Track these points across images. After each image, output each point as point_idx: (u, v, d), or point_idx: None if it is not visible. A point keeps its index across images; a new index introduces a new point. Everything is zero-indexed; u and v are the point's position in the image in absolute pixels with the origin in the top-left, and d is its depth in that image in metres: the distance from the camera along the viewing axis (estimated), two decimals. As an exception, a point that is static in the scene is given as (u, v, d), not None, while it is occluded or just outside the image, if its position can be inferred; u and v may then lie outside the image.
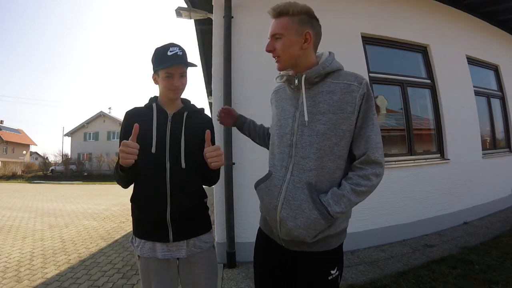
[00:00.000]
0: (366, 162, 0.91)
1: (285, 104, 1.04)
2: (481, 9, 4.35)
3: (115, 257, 3.46)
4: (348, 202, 0.89)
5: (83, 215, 6.69)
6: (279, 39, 0.95)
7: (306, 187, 0.91)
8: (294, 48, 0.94)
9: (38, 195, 11.82)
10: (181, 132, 1.16)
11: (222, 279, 2.49)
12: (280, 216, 0.95)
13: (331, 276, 0.95)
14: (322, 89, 0.94)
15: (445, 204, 3.65)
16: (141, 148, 1.10)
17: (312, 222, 0.89)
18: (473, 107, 4.25)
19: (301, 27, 0.93)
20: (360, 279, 2.38)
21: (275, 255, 1.05)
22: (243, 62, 2.99)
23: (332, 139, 0.91)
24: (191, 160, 1.15)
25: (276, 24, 0.95)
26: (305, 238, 0.92)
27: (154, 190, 1.12)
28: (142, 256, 1.14)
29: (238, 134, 2.92)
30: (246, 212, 2.81)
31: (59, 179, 23.17)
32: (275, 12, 0.95)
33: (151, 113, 1.17)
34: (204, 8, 3.53)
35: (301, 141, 0.94)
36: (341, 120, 0.90)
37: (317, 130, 0.92)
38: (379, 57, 3.67)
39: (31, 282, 2.74)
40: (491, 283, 2.14)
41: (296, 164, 0.95)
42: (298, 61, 0.97)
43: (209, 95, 7.52)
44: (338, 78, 0.94)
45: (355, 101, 0.90)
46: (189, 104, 1.26)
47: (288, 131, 0.98)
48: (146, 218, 1.14)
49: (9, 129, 36.50)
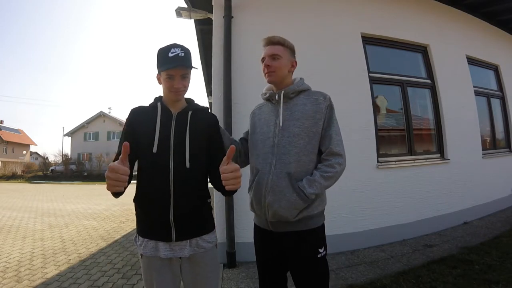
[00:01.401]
0: (330, 154, 1.19)
1: (267, 116, 1.31)
2: (481, 9, 4.35)
3: (115, 257, 3.46)
4: (319, 185, 1.14)
5: (83, 215, 6.68)
6: (277, 59, 1.25)
7: (287, 176, 1.16)
8: (285, 69, 1.27)
9: (38, 195, 11.82)
10: (185, 131, 1.15)
11: (222, 279, 2.49)
12: (268, 201, 1.18)
13: (320, 254, 1.17)
14: (297, 102, 1.24)
15: (445, 204, 3.65)
16: (144, 148, 1.11)
17: (292, 203, 1.14)
18: (473, 107, 4.25)
19: (290, 56, 1.29)
20: (360, 279, 2.38)
21: (268, 242, 1.26)
22: (243, 62, 2.99)
23: (305, 139, 1.18)
24: (196, 160, 1.14)
25: (275, 49, 1.26)
26: (288, 217, 1.15)
27: (156, 191, 1.11)
28: (145, 255, 1.14)
29: (238, 134, 2.93)
30: (246, 212, 2.80)
31: (59, 179, 23.15)
32: (274, 41, 1.27)
33: (155, 112, 1.16)
34: (204, 8, 3.53)
35: (282, 141, 1.20)
36: (312, 124, 1.19)
37: (293, 132, 1.19)
38: (379, 57, 3.67)
39: (31, 282, 2.73)
40: (491, 283, 2.14)
41: (278, 160, 1.19)
42: (284, 79, 1.28)
43: (209, 95, 7.52)
44: (308, 95, 1.25)
45: (322, 111, 1.20)
46: (193, 103, 1.25)
47: (271, 135, 1.24)
48: (149, 218, 1.14)
49: (9, 129, 36.48)
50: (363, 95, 3.33)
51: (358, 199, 3.09)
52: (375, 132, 3.32)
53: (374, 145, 3.29)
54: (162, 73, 1.13)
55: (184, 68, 1.12)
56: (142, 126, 1.14)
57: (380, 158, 3.33)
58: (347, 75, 3.28)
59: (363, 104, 3.31)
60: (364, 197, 3.12)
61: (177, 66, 1.09)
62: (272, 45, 1.27)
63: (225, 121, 2.85)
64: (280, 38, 1.28)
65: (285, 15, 3.20)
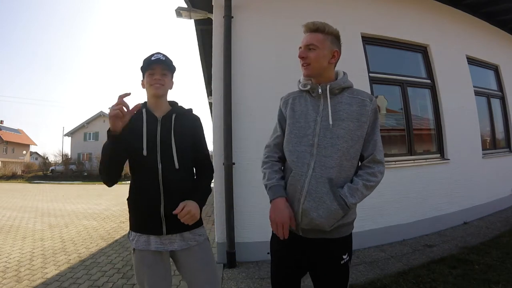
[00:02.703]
0: (373, 161, 1.10)
1: (304, 109, 1.16)
2: (481, 9, 4.35)
3: (115, 257, 3.46)
4: (361, 195, 1.06)
5: (83, 215, 6.68)
6: (313, 50, 1.10)
7: (327, 182, 1.05)
8: (324, 60, 1.11)
9: (38, 195, 11.82)
10: (170, 133, 1.24)
11: (222, 279, 2.49)
12: (303, 207, 1.07)
13: (343, 261, 1.12)
14: (341, 100, 1.12)
15: (445, 204, 3.64)
16: (133, 151, 1.21)
17: (332, 212, 1.04)
18: (473, 107, 4.24)
19: (332, 45, 1.12)
20: (360, 279, 2.38)
21: (292, 245, 1.15)
22: (243, 62, 2.99)
23: (349, 142, 1.07)
24: (183, 160, 1.24)
25: (312, 37, 1.11)
26: (325, 227, 1.06)
27: (148, 190, 1.20)
28: (137, 249, 1.21)
29: (238, 134, 2.93)
30: (246, 212, 2.80)
31: (59, 179, 23.15)
32: (313, 27, 1.12)
33: (141, 117, 1.24)
34: (204, 8, 3.53)
35: (323, 142, 1.08)
36: (357, 127, 1.09)
37: (338, 134, 1.07)
38: (379, 57, 3.66)
39: (31, 282, 2.73)
40: (491, 283, 2.14)
41: (318, 162, 1.08)
42: (323, 72, 1.13)
43: (209, 95, 7.52)
44: (353, 93, 1.14)
45: (368, 114, 1.10)
46: (176, 106, 1.35)
47: (310, 132, 1.11)
48: (141, 214, 1.23)
49: (9, 129, 36.49)
50: (363, 95, 3.32)
51: (358, 199, 3.08)
52: (375, 132, 3.31)
53: (374, 145, 3.28)
54: (145, 74, 1.26)
55: (164, 66, 1.25)
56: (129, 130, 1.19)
57: (380, 158, 3.32)
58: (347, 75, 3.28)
59: (363, 104, 3.30)
60: (364, 197, 3.11)
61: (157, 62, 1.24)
62: (310, 33, 1.12)
63: (225, 121, 2.85)
64: (320, 23, 1.11)
65: (285, 15, 3.20)
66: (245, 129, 2.93)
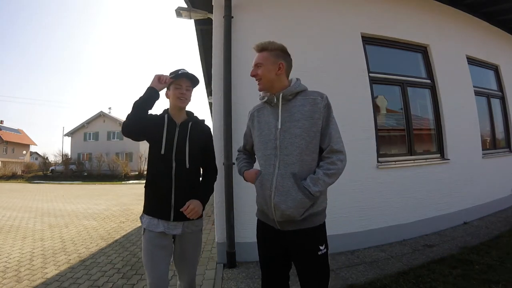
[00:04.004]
0: (330, 152, 1.22)
1: (266, 118, 1.32)
2: (481, 9, 4.35)
3: (115, 257, 3.46)
4: (323, 183, 1.18)
5: (83, 215, 6.68)
6: (260, 67, 1.28)
7: (291, 177, 1.20)
8: (271, 74, 1.27)
9: (38, 195, 11.81)
10: (186, 138, 1.49)
11: (222, 279, 2.49)
12: (274, 202, 1.21)
13: (321, 252, 1.22)
14: (295, 104, 1.26)
15: (445, 204, 3.64)
16: (154, 148, 1.47)
17: (299, 202, 1.17)
18: (473, 107, 4.25)
19: (276, 59, 1.27)
20: (360, 279, 2.38)
21: (273, 239, 1.30)
22: (243, 62, 2.99)
23: (306, 139, 1.21)
24: (193, 161, 1.50)
25: (258, 57, 1.29)
26: (295, 216, 1.19)
27: (162, 182, 1.44)
28: (148, 229, 1.45)
29: (238, 134, 2.93)
30: (246, 212, 2.81)
31: (59, 179, 23.12)
32: (258, 48, 1.30)
33: (163, 121, 1.49)
34: (204, 8, 3.53)
35: (284, 143, 1.23)
36: (312, 124, 1.22)
37: (295, 133, 1.21)
38: (379, 57, 3.66)
39: (31, 282, 2.74)
40: (491, 283, 2.14)
41: (281, 161, 1.23)
42: (274, 83, 1.28)
43: (209, 95, 7.52)
44: (306, 95, 1.27)
45: (320, 110, 1.23)
46: (192, 116, 1.61)
47: (272, 137, 1.27)
48: (155, 201, 1.47)
49: (9, 129, 36.47)
50: (363, 95, 3.33)
51: (358, 199, 3.09)
52: (375, 132, 3.32)
53: (374, 145, 3.28)
54: (171, 86, 1.50)
55: (189, 80, 1.51)
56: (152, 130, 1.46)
57: (380, 158, 3.33)
58: (347, 75, 3.28)
59: (363, 104, 3.31)
60: (364, 197, 3.12)
61: (184, 77, 1.49)
62: (258, 53, 1.30)
63: (225, 121, 2.85)
64: (264, 43, 1.29)
65: (285, 15, 3.20)
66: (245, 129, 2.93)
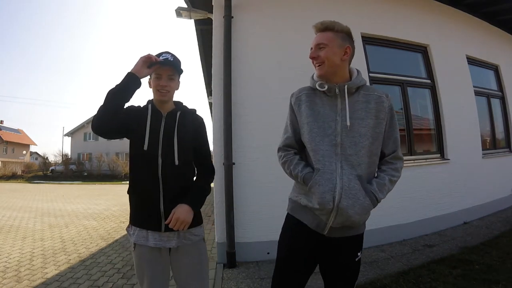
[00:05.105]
0: (395, 158, 1.15)
1: (321, 109, 1.14)
2: (481, 9, 4.34)
3: (115, 257, 3.46)
4: (387, 190, 1.12)
5: (83, 215, 6.68)
6: (323, 49, 1.10)
7: (358, 179, 1.06)
8: (336, 58, 1.10)
9: (38, 195, 11.81)
10: (174, 130, 1.24)
11: (222, 279, 2.49)
12: (340, 206, 1.04)
13: (357, 258, 1.17)
14: (357, 99, 1.12)
15: (445, 204, 3.64)
16: (135, 145, 1.22)
17: (365, 209, 1.07)
18: (473, 107, 4.24)
19: (343, 42, 1.11)
20: (360, 279, 2.36)
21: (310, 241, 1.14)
22: (243, 62, 2.99)
23: (370, 139, 1.09)
24: (184, 156, 1.24)
25: (321, 36, 1.11)
26: (359, 223, 1.10)
27: (147, 185, 1.20)
28: (137, 243, 1.22)
29: (238, 134, 2.93)
30: (246, 212, 2.80)
31: (59, 179, 23.14)
32: (321, 27, 1.12)
33: (146, 112, 1.25)
34: (204, 8, 3.53)
35: (346, 141, 1.08)
36: (376, 124, 1.10)
37: (359, 132, 1.08)
38: (379, 57, 3.66)
39: (31, 282, 2.73)
40: (491, 283, 2.14)
41: (344, 161, 1.08)
42: (338, 70, 1.12)
43: (209, 95, 7.52)
44: (368, 90, 1.14)
45: (386, 110, 1.11)
46: (181, 106, 1.35)
47: (331, 132, 1.10)
48: (141, 208, 1.23)
49: (9, 129, 36.47)
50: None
51: (358, 199, 3.08)
52: (375, 132, 3.31)
53: (374, 145, 3.28)
54: (152, 75, 1.24)
55: (171, 69, 1.22)
56: (133, 124, 1.22)
57: (380, 158, 3.32)
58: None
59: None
60: (364, 197, 3.11)
61: (164, 65, 1.20)
62: (319, 33, 1.13)
63: (225, 121, 2.85)
64: (329, 22, 1.12)
65: (285, 15, 3.20)
66: (245, 129, 2.93)
